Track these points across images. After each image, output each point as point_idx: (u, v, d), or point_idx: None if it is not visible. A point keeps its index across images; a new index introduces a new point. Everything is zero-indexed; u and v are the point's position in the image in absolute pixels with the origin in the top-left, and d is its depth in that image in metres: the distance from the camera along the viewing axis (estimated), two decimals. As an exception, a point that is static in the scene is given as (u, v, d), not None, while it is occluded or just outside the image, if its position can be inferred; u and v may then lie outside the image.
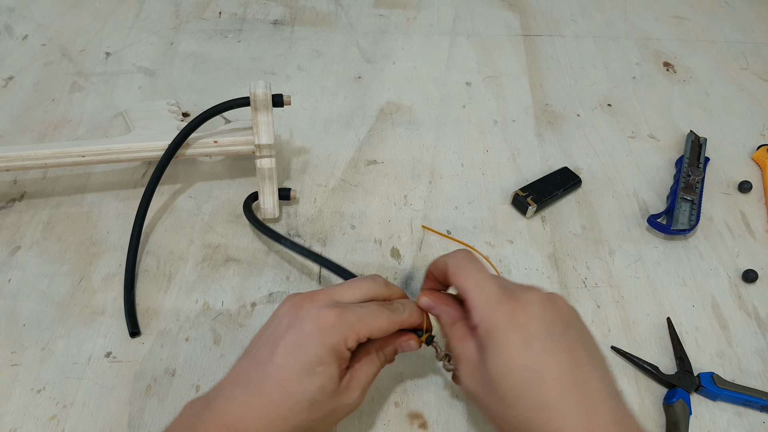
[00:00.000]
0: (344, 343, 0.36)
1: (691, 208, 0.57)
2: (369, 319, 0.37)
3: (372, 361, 0.39)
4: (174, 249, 0.53)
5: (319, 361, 0.35)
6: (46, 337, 0.47)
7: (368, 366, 0.38)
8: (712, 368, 0.48)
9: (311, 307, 0.36)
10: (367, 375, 0.38)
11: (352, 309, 0.37)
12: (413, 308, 0.41)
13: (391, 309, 0.39)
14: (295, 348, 0.35)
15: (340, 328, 0.36)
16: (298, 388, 0.35)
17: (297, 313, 0.36)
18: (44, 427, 0.42)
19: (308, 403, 0.35)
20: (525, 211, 0.57)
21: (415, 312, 0.41)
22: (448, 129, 0.65)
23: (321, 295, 0.38)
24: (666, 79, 0.74)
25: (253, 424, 0.34)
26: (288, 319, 0.37)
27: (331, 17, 0.79)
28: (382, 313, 0.38)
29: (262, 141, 0.51)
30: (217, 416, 0.34)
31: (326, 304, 0.37)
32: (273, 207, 0.54)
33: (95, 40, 0.73)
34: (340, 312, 0.36)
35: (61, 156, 0.51)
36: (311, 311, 0.36)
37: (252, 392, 0.35)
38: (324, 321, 0.36)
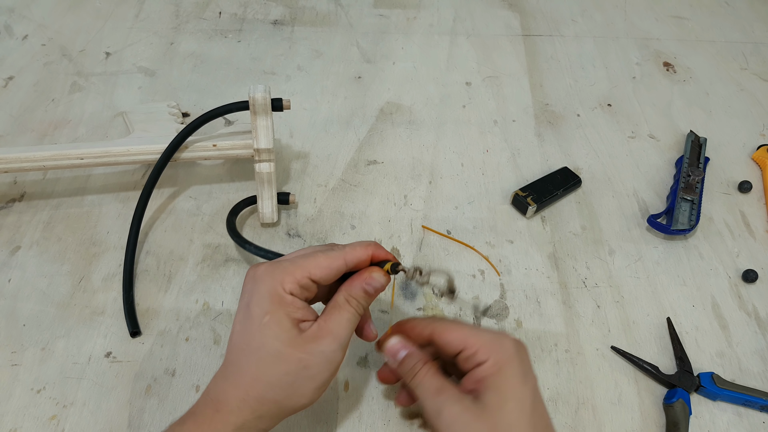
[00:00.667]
0: (281, 286, 0.36)
1: (691, 208, 0.57)
2: (303, 260, 0.37)
3: (340, 308, 0.38)
4: (174, 249, 0.53)
5: (263, 312, 0.36)
6: (46, 337, 0.47)
7: (337, 313, 0.37)
8: (712, 368, 0.48)
9: (261, 267, 0.38)
10: (338, 321, 0.37)
11: (286, 257, 0.38)
12: (356, 245, 0.39)
13: (330, 249, 0.39)
14: (244, 310, 0.37)
15: (272, 273, 0.37)
16: (255, 343, 0.36)
17: (252, 276, 0.38)
18: (44, 427, 0.42)
19: (270, 355, 0.35)
20: (525, 211, 0.57)
21: (359, 247, 0.39)
22: (448, 129, 0.65)
23: (270, 262, 0.38)
24: (666, 79, 0.74)
25: (231, 392, 0.35)
26: (246, 285, 0.38)
27: (331, 17, 0.79)
28: (320, 254, 0.38)
29: (261, 145, 0.51)
30: (207, 392, 0.37)
31: (273, 262, 0.38)
32: (272, 211, 0.54)
33: (95, 40, 0.73)
34: (273, 261, 0.38)
35: (60, 158, 0.51)
36: (258, 269, 0.37)
37: (226, 365, 0.37)
38: (257, 273, 0.37)
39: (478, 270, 0.53)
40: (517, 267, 0.53)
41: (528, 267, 0.54)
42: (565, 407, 0.45)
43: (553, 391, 0.46)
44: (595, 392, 0.46)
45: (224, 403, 0.35)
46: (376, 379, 0.44)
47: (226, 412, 0.35)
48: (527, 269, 0.53)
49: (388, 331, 0.41)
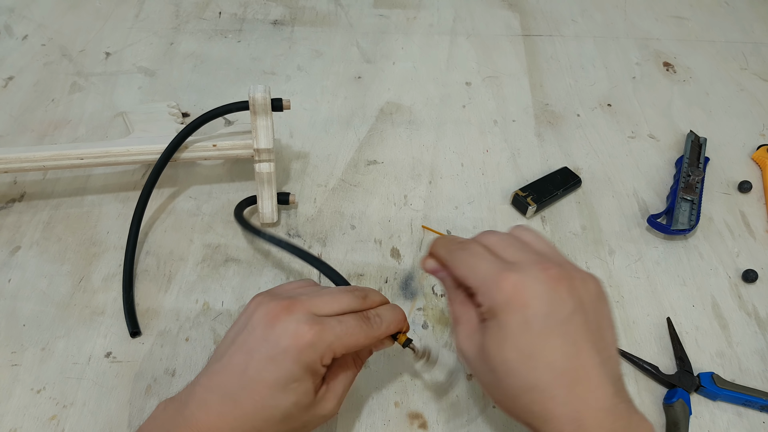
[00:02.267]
0: (320, 361, 0.35)
1: (691, 208, 0.57)
2: (347, 338, 0.36)
3: (348, 370, 0.39)
4: (174, 249, 0.53)
5: (293, 378, 0.34)
6: (46, 337, 0.47)
7: (344, 376, 0.38)
8: (712, 368, 0.48)
9: (288, 321, 0.35)
10: (343, 385, 0.38)
11: (330, 326, 0.36)
12: (391, 319, 0.39)
13: (368, 323, 0.38)
14: (270, 362, 0.34)
15: (317, 347, 0.35)
16: (271, 402, 0.34)
17: (273, 325, 0.35)
18: (44, 427, 0.42)
19: (282, 416, 0.34)
20: (525, 211, 0.57)
21: (393, 323, 0.39)
22: (448, 129, 0.65)
23: (298, 307, 0.36)
24: (666, 79, 0.74)
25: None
26: (261, 329, 0.35)
27: (331, 17, 0.79)
28: (360, 329, 0.37)
29: (261, 145, 0.51)
30: (190, 423, 0.34)
31: (304, 319, 0.35)
32: (271, 211, 0.54)
33: (95, 40, 0.73)
34: (319, 331, 0.35)
35: (60, 158, 0.51)
36: (288, 326, 0.35)
37: (226, 402, 0.34)
38: (301, 340, 0.34)
39: (478, 270, 0.53)
40: (517, 267, 0.53)
41: (528, 267, 0.54)
42: (565, 407, 0.45)
43: (553, 391, 0.46)
44: (595, 392, 0.46)
45: None
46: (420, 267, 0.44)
47: None
48: (527, 269, 0.53)
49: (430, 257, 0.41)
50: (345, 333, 0.36)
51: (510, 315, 0.33)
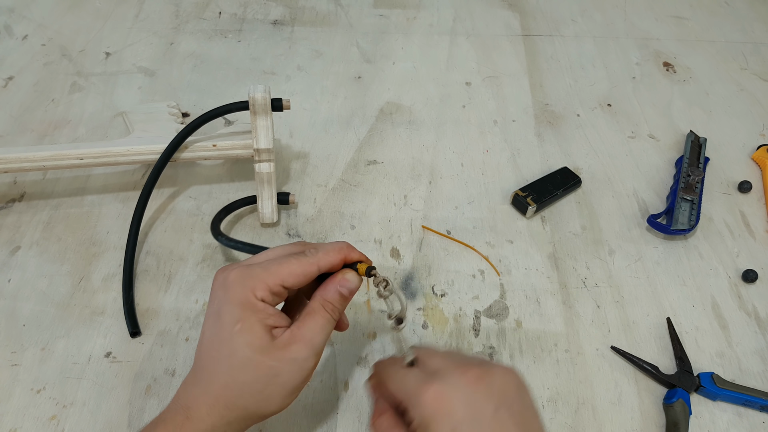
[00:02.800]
0: (252, 294, 0.35)
1: (691, 208, 0.57)
2: (275, 266, 0.36)
3: (315, 314, 0.37)
4: (174, 249, 0.53)
5: (235, 320, 0.35)
6: (46, 337, 0.47)
7: (311, 319, 0.37)
8: (712, 368, 0.48)
9: (228, 271, 0.37)
10: (311, 327, 0.36)
11: (257, 262, 0.37)
12: (329, 247, 0.38)
13: (302, 255, 0.38)
14: (214, 317, 0.36)
15: (243, 280, 0.36)
16: (225, 350, 0.35)
17: (221, 282, 0.37)
18: (44, 427, 0.42)
19: (241, 362, 0.35)
20: (525, 211, 0.57)
21: (332, 250, 0.38)
22: (448, 129, 0.65)
23: (233, 264, 0.37)
24: (666, 79, 0.74)
25: (201, 399, 0.35)
26: (215, 291, 0.37)
27: (331, 17, 0.79)
28: (291, 258, 0.37)
29: (261, 145, 0.51)
30: (177, 398, 0.36)
31: (233, 267, 0.37)
32: (271, 211, 0.54)
33: (95, 40, 0.73)
34: (244, 267, 0.36)
35: (60, 158, 0.51)
36: (227, 275, 0.36)
37: (195, 371, 0.36)
38: (227, 279, 0.36)
39: (478, 270, 0.53)
40: (516, 267, 0.53)
41: (528, 267, 0.54)
42: (565, 407, 0.45)
43: (553, 391, 0.46)
44: (595, 392, 0.46)
45: (194, 410, 0.35)
46: None
47: (196, 419, 0.35)
48: (527, 269, 0.53)
49: None
50: (272, 263, 0.36)
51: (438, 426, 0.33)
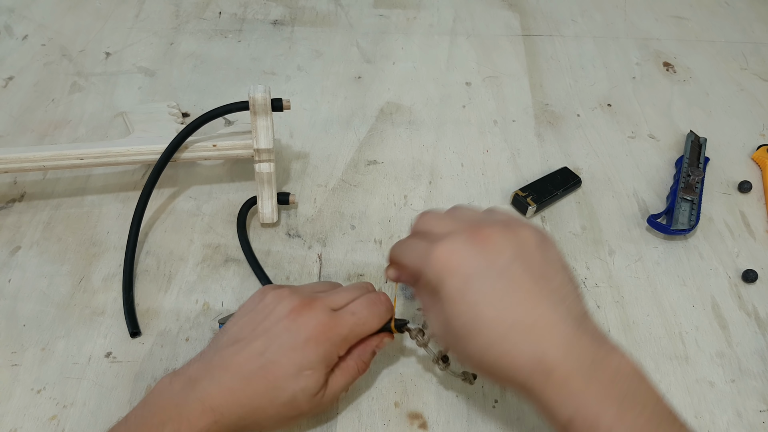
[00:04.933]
0: (336, 353, 0.39)
1: (691, 208, 0.57)
2: (360, 327, 0.40)
3: (349, 372, 0.40)
4: (174, 249, 0.53)
5: (309, 366, 0.37)
6: (46, 337, 0.47)
7: (343, 377, 0.40)
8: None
9: (310, 314, 0.38)
10: (342, 384, 0.40)
11: (345, 318, 0.39)
12: (388, 301, 0.43)
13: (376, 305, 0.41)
14: (290, 350, 0.37)
15: (334, 338, 0.38)
16: (283, 384, 0.37)
17: (296, 318, 0.38)
18: (44, 428, 0.42)
19: (288, 400, 0.37)
20: (525, 211, 0.57)
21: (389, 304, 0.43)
22: (448, 129, 0.65)
23: (319, 303, 0.39)
24: (666, 79, 0.74)
25: (234, 409, 0.36)
26: (285, 321, 0.38)
27: (331, 17, 0.79)
28: (370, 314, 0.40)
29: (261, 145, 0.51)
30: (203, 398, 0.36)
31: (323, 312, 0.39)
32: (271, 212, 0.54)
33: (95, 40, 0.73)
34: (337, 322, 0.39)
35: (60, 158, 0.51)
36: (310, 319, 0.38)
37: (239, 380, 0.37)
38: (321, 330, 0.38)
39: (478, 270, 0.53)
40: (517, 267, 0.53)
41: (528, 267, 0.54)
42: (565, 407, 0.45)
43: (553, 391, 0.46)
44: (595, 392, 0.46)
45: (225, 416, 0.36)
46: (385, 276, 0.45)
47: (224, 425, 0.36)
48: (527, 269, 0.53)
49: None
50: (357, 322, 0.40)
51: (447, 283, 0.34)
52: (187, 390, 0.36)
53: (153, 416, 0.36)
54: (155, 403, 0.36)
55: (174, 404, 0.36)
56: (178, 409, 0.35)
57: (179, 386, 0.37)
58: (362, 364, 0.41)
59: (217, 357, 0.38)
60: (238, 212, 0.55)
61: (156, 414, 0.36)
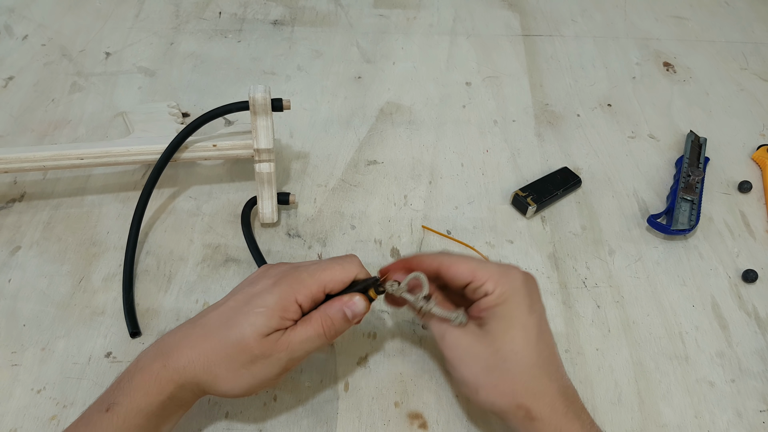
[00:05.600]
0: (293, 296, 0.38)
1: (691, 208, 0.57)
2: (320, 272, 0.39)
3: (308, 324, 0.38)
4: (174, 249, 0.53)
5: (262, 303, 0.37)
6: (46, 337, 0.47)
7: (303, 328, 0.38)
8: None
9: (276, 268, 0.40)
10: (299, 336, 0.37)
11: (305, 265, 0.40)
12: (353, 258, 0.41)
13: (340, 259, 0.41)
14: (248, 296, 0.38)
15: (291, 282, 0.38)
16: (234, 321, 0.37)
17: (261, 274, 0.40)
18: (44, 428, 0.42)
19: (236, 337, 0.37)
20: (525, 211, 0.57)
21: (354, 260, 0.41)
22: (448, 129, 0.65)
23: (284, 263, 0.41)
24: (666, 79, 0.74)
25: (185, 351, 0.37)
26: (252, 278, 0.41)
27: (331, 17, 0.79)
28: (333, 263, 0.40)
29: (261, 145, 0.51)
30: (157, 345, 0.38)
31: (289, 265, 0.40)
32: (271, 212, 0.54)
33: (95, 40, 0.73)
34: (293, 268, 0.39)
35: (60, 158, 0.51)
36: (273, 269, 0.40)
37: (195, 326, 0.38)
38: (279, 274, 0.39)
39: (478, 270, 0.53)
40: (517, 267, 0.53)
41: (528, 267, 0.54)
42: (565, 407, 0.45)
43: (553, 391, 0.46)
44: (595, 392, 0.46)
45: (173, 358, 0.36)
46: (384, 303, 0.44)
47: (172, 368, 0.36)
48: (527, 269, 0.53)
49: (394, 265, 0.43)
50: (319, 270, 0.39)
51: (520, 299, 0.38)
52: (150, 348, 0.38)
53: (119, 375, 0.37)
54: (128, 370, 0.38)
55: (135, 358, 0.38)
56: (135, 360, 0.37)
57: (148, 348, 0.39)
58: (327, 319, 0.38)
59: (188, 321, 0.40)
60: (241, 212, 0.54)
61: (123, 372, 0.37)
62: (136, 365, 0.37)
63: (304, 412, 0.44)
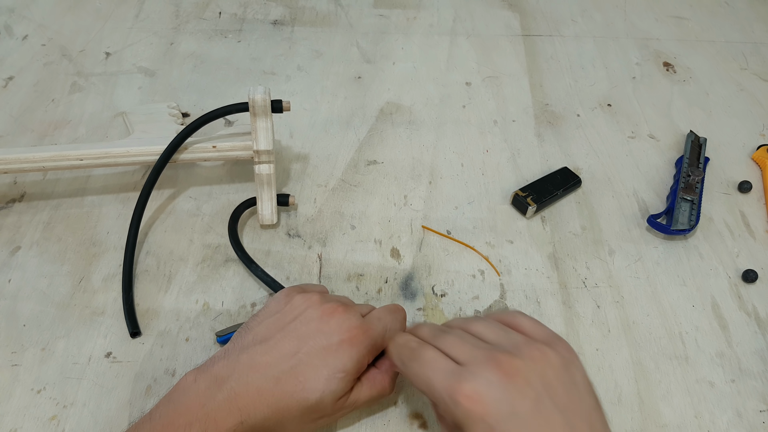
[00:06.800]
0: (367, 356, 0.39)
1: (691, 208, 0.57)
2: (387, 333, 0.40)
3: (375, 382, 0.40)
4: (174, 249, 0.53)
5: (342, 368, 0.37)
6: (46, 337, 0.47)
7: (370, 386, 0.40)
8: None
9: (343, 318, 0.39)
10: (366, 395, 0.39)
11: (374, 322, 0.40)
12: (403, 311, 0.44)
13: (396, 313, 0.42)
14: (323, 351, 0.37)
15: (366, 341, 0.38)
16: (314, 385, 0.36)
17: (328, 320, 0.39)
18: (44, 428, 0.42)
19: (316, 402, 0.36)
20: (525, 211, 0.57)
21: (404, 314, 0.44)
22: (448, 129, 0.65)
23: (351, 307, 0.40)
24: (666, 79, 0.74)
25: (261, 410, 0.36)
26: (317, 322, 0.39)
27: (331, 17, 0.79)
28: (393, 320, 0.41)
29: (261, 147, 0.51)
30: (230, 398, 0.35)
31: (356, 316, 0.39)
32: (271, 213, 0.54)
33: (95, 40, 0.73)
34: (368, 327, 0.39)
35: (60, 159, 0.51)
36: (344, 321, 0.39)
37: (268, 380, 0.36)
38: (355, 334, 0.38)
39: (478, 270, 0.53)
40: (516, 267, 0.53)
41: (528, 267, 0.54)
42: (565, 407, 0.45)
43: (553, 392, 0.46)
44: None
45: (251, 417, 0.36)
46: None
47: (249, 425, 0.36)
48: (527, 269, 0.53)
49: None
50: (385, 327, 0.40)
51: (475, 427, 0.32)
52: (214, 389, 0.36)
53: (179, 416, 0.35)
54: (180, 402, 0.36)
55: (200, 404, 0.35)
56: (204, 410, 0.35)
57: (205, 385, 0.36)
58: (389, 379, 0.40)
59: (245, 356, 0.37)
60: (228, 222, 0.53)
61: (182, 414, 0.35)
62: (205, 415, 0.35)
63: (304, 413, 0.44)
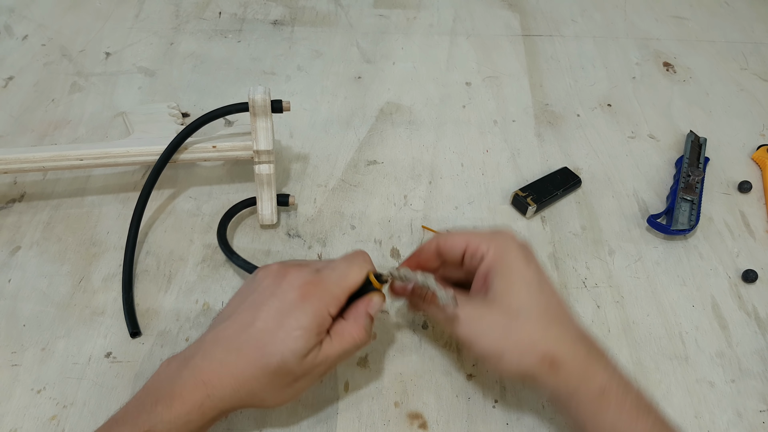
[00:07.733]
0: (327, 309, 0.38)
1: (691, 208, 0.57)
2: (344, 280, 0.39)
3: (344, 334, 0.39)
4: (174, 249, 0.53)
5: (298, 325, 0.37)
6: (46, 337, 0.47)
7: (339, 339, 0.39)
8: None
9: (294, 276, 0.39)
10: (337, 349, 0.38)
11: (326, 274, 0.39)
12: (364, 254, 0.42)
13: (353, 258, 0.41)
14: (278, 313, 0.37)
15: (321, 295, 0.38)
16: (273, 348, 0.36)
17: (281, 282, 0.38)
18: (44, 428, 0.42)
19: (279, 364, 0.36)
20: (525, 211, 0.57)
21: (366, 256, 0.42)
22: (448, 129, 0.65)
23: (303, 267, 0.40)
24: (666, 79, 0.74)
25: (227, 380, 0.36)
26: (270, 287, 0.39)
27: (331, 17, 0.79)
28: (352, 266, 0.40)
29: (261, 147, 0.51)
30: (195, 373, 0.36)
31: (308, 272, 0.39)
32: (271, 213, 0.54)
33: (95, 40, 0.73)
34: (316, 274, 0.39)
35: (59, 159, 0.51)
36: (295, 280, 0.38)
37: (230, 351, 0.37)
38: (307, 289, 0.38)
39: (478, 270, 0.53)
40: (517, 267, 0.53)
41: (528, 267, 0.53)
42: (565, 407, 0.45)
43: (553, 392, 0.46)
44: (595, 392, 0.46)
45: (217, 389, 0.36)
46: (390, 295, 0.44)
47: (218, 398, 0.36)
48: (527, 269, 0.53)
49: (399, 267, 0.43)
50: (340, 275, 0.39)
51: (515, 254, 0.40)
52: (182, 368, 0.37)
53: (148, 396, 0.36)
54: (152, 385, 0.37)
55: (168, 382, 0.36)
56: (171, 386, 0.36)
57: (175, 366, 0.37)
58: (359, 327, 0.39)
59: (210, 334, 0.39)
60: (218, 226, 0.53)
61: (151, 394, 0.36)
62: (171, 391, 0.36)
63: (304, 412, 0.44)
